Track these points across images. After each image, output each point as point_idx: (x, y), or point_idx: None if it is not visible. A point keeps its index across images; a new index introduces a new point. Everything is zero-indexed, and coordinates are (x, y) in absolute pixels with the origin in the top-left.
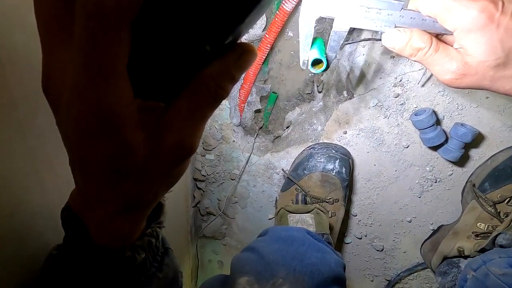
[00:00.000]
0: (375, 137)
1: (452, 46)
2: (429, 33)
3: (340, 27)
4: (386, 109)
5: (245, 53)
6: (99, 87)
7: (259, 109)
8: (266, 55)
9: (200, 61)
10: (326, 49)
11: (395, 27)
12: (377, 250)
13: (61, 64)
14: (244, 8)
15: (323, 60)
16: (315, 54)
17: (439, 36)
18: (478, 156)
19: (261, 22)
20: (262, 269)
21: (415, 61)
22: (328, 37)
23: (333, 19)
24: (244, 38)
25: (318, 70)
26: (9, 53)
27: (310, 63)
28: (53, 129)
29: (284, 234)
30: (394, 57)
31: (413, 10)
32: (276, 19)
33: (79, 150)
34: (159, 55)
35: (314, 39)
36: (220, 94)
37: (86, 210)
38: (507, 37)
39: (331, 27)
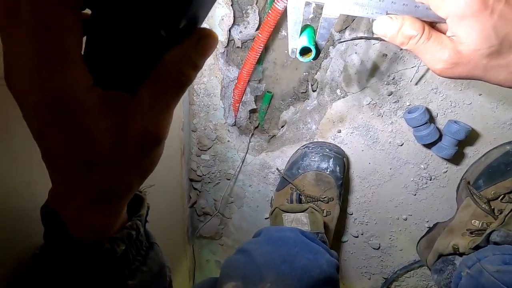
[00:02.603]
0: (369, 135)
1: (445, 34)
2: (422, 20)
3: (330, 14)
4: (380, 107)
5: (203, 38)
6: (53, 73)
7: (254, 108)
8: (259, 54)
9: (158, 47)
10: (316, 37)
11: (387, 14)
12: (374, 248)
13: (18, 54)
14: None
15: (312, 48)
16: (303, 42)
17: (433, 25)
18: (472, 153)
19: (254, 21)
20: (250, 273)
21: (406, 49)
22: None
23: (323, 5)
24: (237, 38)
25: (307, 58)
26: None
27: (298, 52)
28: None
29: (276, 235)
30: (387, 55)
31: None
32: (269, 18)
33: (43, 140)
34: (114, 42)
35: (304, 27)
36: (183, 80)
37: (61, 205)
38: (501, 24)
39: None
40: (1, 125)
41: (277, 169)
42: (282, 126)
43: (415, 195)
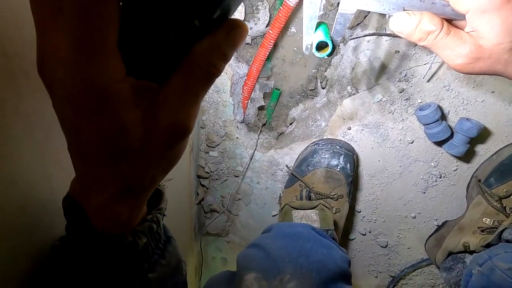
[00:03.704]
0: (380, 133)
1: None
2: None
3: (346, 9)
4: (391, 104)
5: (235, 29)
6: (91, 63)
7: (262, 105)
8: (269, 51)
9: (190, 37)
10: (330, 33)
11: (404, 10)
12: (381, 246)
13: (54, 44)
14: None
15: (329, 43)
16: (320, 36)
17: (449, 22)
18: (483, 151)
19: (265, 18)
20: (268, 266)
21: (424, 45)
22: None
23: (339, 0)
24: (248, 34)
25: (323, 54)
26: (17, 47)
27: (314, 47)
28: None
29: (288, 231)
30: (398, 52)
31: None
32: (280, 14)
33: (75, 130)
34: (148, 32)
35: (318, 24)
36: (212, 71)
37: (85, 196)
38: None
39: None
40: (23, 118)
41: (286, 166)
42: (291, 123)
43: (424, 193)
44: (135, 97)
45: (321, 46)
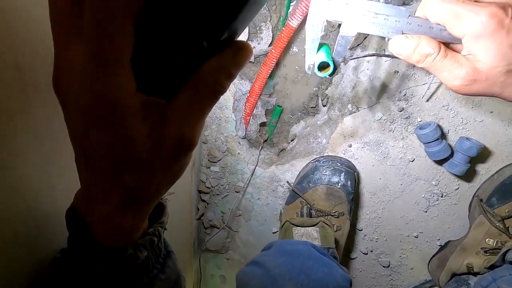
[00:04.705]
0: (380, 151)
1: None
2: None
3: (347, 32)
4: (391, 123)
5: (241, 50)
6: (105, 77)
7: (264, 122)
8: (271, 69)
9: (199, 57)
10: (332, 54)
11: (402, 33)
12: (383, 266)
13: (71, 59)
14: (236, 6)
15: (330, 63)
16: (322, 57)
17: (446, 45)
18: (484, 170)
19: (267, 37)
20: (268, 284)
21: (422, 67)
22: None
23: (340, 23)
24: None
25: (324, 74)
26: (29, 61)
27: (316, 67)
28: (67, 135)
29: (289, 248)
30: (398, 72)
31: (420, 18)
32: (282, 35)
33: (85, 140)
34: (159, 51)
35: (320, 45)
36: (218, 89)
37: (89, 207)
38: None
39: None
40: (32, 130)
41: (287, 182)
42: (292, 140)
43: (426, 212)
44: (143, 111)
45: (323, 66)
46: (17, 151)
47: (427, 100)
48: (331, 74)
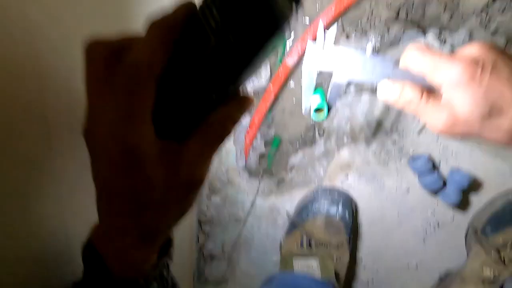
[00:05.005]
0: (376, 182)
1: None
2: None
3: (339, 80)
4: (386, 154)
5: (244, 102)
6: (131, 128)
7: (263, 153)
8: (270, 103)
9: (208, 107)
10: (326, 98)
11: (389, 79)
12: None
13: (102, 112)
14: (239, 69)
15: (324, 109)
16: (317, 100)
17: (431, 91)
18: (477, 200)
19: (266, 74)
20: None
21: (407, 111)
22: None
23: (332, 72)
24: (250, 88)
25: (320, 118)
26: (55, 112)
27: (313, 111)
28: (81, 179)
29: (291, 283)
30: (390, 108)
31: (403, 69)
32: (279, 72)
33: (109, 183)
34: (172, 104)
35: (315, 88)
36: (226, 134)
37: (106, 241)
38: (489, 92)
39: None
40: (52, 174)
41: (286, 212)
42: (291, 170)
43: (424, 242)
44: (160, 156)
45: (318, 109)
46: (37, 193)
47: (419, 134)
48: (326, 118)
